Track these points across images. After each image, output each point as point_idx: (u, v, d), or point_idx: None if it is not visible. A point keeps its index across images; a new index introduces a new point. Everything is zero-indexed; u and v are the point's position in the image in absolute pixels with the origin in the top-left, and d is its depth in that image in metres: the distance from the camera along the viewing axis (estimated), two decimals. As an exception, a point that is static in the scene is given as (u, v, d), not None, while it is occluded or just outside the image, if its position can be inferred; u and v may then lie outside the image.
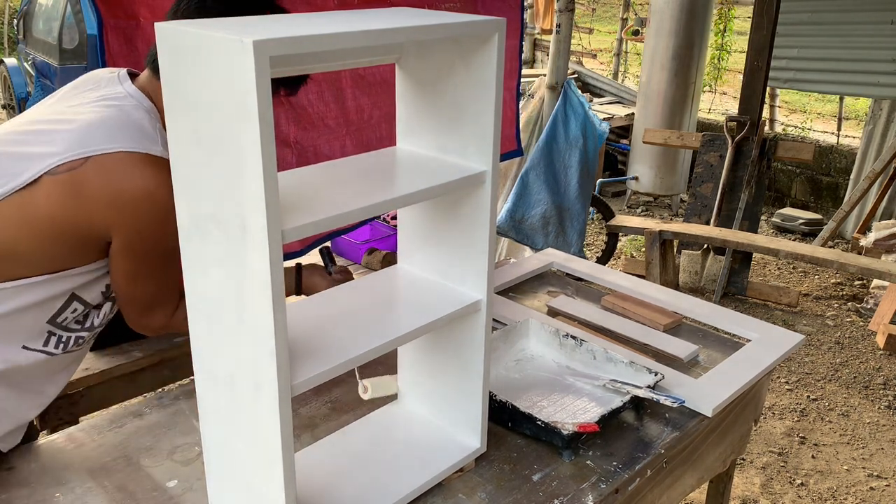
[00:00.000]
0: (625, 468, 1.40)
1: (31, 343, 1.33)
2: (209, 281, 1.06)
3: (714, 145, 4.61)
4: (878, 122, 5.45)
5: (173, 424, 1.50)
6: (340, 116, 2.27)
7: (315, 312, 1.23)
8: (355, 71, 2.26)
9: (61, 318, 1.36)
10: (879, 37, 4.78)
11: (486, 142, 1.20)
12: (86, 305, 1.39)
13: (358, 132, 2.33)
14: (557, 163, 3.78)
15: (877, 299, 4.37)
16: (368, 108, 2.34)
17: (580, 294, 2.17)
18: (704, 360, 1.81)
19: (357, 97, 2.30)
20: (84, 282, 1.35)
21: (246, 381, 1.05)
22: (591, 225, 5.68)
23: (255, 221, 0.94)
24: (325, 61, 1.23)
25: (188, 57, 0.95)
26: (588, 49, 9.97)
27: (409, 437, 1.41)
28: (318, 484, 1.29)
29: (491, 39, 1.14)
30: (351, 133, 2.32)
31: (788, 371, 3.75)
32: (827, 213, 5.85)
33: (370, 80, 2.32)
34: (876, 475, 2.97)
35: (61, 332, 1.37)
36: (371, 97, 2.33)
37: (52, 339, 1.36)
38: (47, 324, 1.34)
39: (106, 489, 1.30)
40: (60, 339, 1.38)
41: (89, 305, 1.40)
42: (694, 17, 5.64)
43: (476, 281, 1.29)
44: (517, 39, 2.84)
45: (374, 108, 2.35)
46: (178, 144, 1.03)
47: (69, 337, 1.39)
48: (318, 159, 2.21)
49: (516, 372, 1.68)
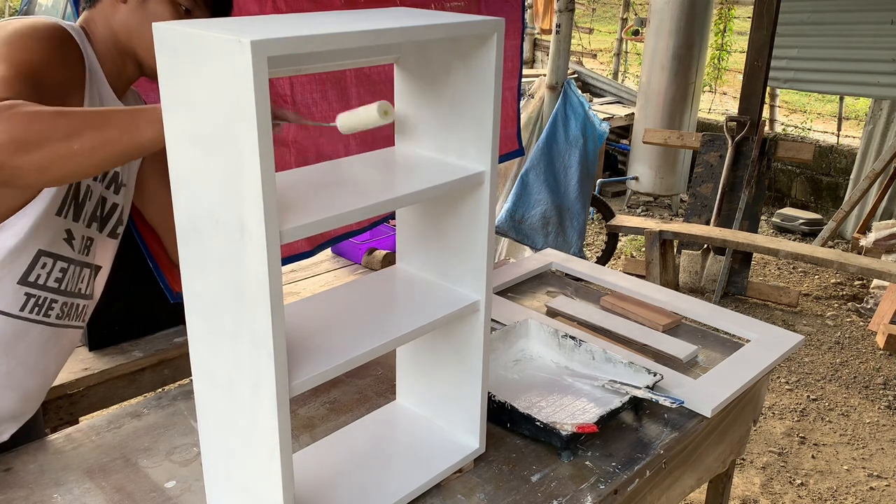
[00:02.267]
0: (624, 469, 1.39)
1: (9, 308, 1.30)
2: (207, 281, 1.05)
3: (714, 145, 4.61)
4: (878, 122, 5.45)
5: (172, 425, 1.49)
6: None
7: (313, 312, 1.23)
8: (360, 69, 2.25)
9: (33, 277, 1.32)
10: (879, 37, 4.78)
11: (485, 142, 1.20)
12: (55, 258, 1.34)
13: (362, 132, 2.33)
14: (557, 163, 3.78)
15: (877, 299, 4.37)
16: None
17: (579, 294, 2.17)
18: (703, 361, 1.81)
19: (361, 96, 2.29)
20: (32, 224, 1.28)
21: (244, 382, 1.05)
22: (591, 225, 5.68)
23: (253, 222, 0.93)
24: (324, 61, 1.23)
25: (186, 57, 0.94)
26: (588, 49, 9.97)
27: (407, 438, 1.41)
28: (316, 485, 1.28)
29: (490, 39, 1.14)
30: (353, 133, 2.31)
31: (788, 371, 3.75)
32: (827, 213, 5.85)
33: (374, 79, 2.30)
34: (876, 475, 2.97)
35: (39, 293, 1.34)
36: (375, 96, 2.32)
37: (31, 301, 1.33)
38: (19, 285, 1.30)
39: (104, 490, 1.30)
40: (39, 303, 1.34)
41: (61, 258, 1.35)
42: (694, 17, 5.64)
43: (475, 281, 1.29)
44: (518, 39, 2.83)
45: (377, 107, 2.35)
46: (176, 144, 1.03)
47: (48, 299, 1.35)
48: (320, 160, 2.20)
49: (515, 372, 1.67)
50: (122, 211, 1.55)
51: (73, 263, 1.40)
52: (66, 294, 1.40)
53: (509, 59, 2.77)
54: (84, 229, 1.41)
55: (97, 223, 1.46)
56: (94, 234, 1.45)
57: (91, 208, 1.43)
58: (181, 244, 1.08)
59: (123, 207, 1.55)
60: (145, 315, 1.96)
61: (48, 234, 1.32)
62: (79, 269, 1.42)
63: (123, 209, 1.55)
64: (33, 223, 1.28)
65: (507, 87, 2.80)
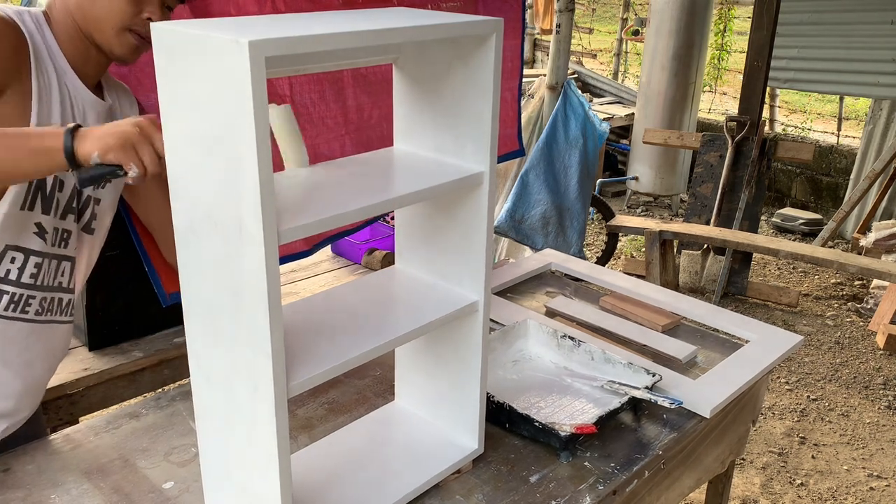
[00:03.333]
0: (622, 469, 1.39)
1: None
2: (206, 282, 1.05)
3: (714, 145, 4.61)
4: (878, 122, 5.45)
5: (170, 426, 1.49)
6: (340, 116, 2.26)
7: (312, 313, 1.23)
8: (357, 69, 2.25)
9: (2, 273, 1.30)
10: (879, 37, 4.78)
11: (484, 142, 1.20)
12: (26, 253, 1.32)
13: (357, 132, 2.32)
14: (557, 163, 3.78)
15: (877, 299, 4.37)
16: (368, 107, 2.33)
17: (578, 295, 2.17)
18: (703, 361, 1.81)
19: (358, 96, 2.29)
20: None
21: (242, 383, 1.05)
22: (591, 225, 5.68)
23: (251, 222, 0.93)
24: (322, 61, 1.23)
25: (184, 57, 0.94)
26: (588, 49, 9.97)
27: (406, 439, 1.41)
28: (314, 486, 1.28)
29: (489, 40, 1.14)
30: (350, 133, 2.31)
31: (788, 371, 3.74)
32: (827, 213, 5.85)
33: (371, 79, 2.30)
34: (876, 475, 2.97)
35: (14, 290, 1.31)
36: (371, 96, 2.32)
37: (5, 298, 1.31)
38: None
39: (102, 490, 1.30)
40: (14, 300, 1.32)
41: (33, 252, 1.33)
42: (694, 17, 5.64)
43: (473, 282, 1.29)
44: (518, 39, 2.83)
45: (374, 107, 2.34)
46: (174, 144, 1.03)
47: (25, 296, 1.33)
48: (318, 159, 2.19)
49: (514, 373, 1.67)
50: (100, 205, 1.48)
51: (48, 257, 1.36)
52: (44, 289, 1.37)
53: (509, 60, 2.76)
54: (58, 221, 1.37)
55: (74, 215, 1.41)
56: (70, 226, 1.41)
57: (65, 200, 1.38)
58: (179, 245, 1.08)
59: (101, 201, 1.48)
60: (145, 315, 1.96)
61: (14, 229, 1.29)
62: (55, 262, 1.38)
63: (102, 203, 1.48)
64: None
65: (507, 88, 2.80)
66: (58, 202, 1.36)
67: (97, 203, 1.47)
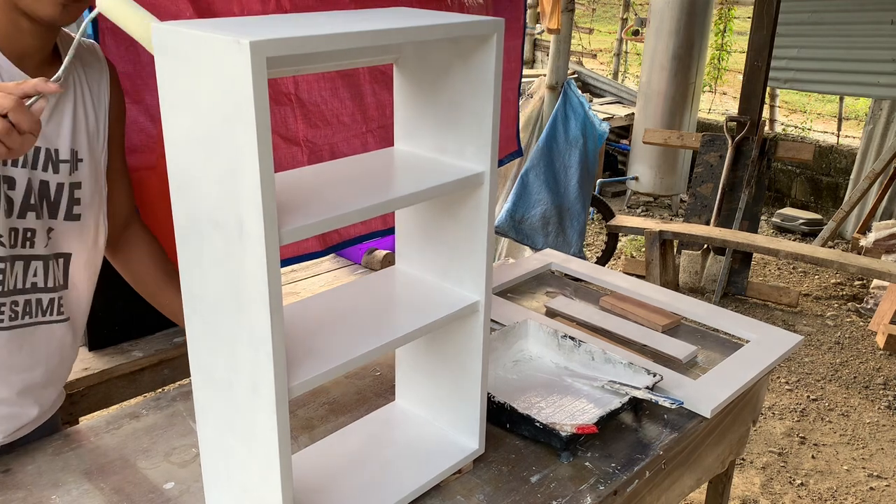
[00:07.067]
0: (623, 469, 1.39)
1: None
2: (206, 282, 1.05)
3: (714, 145, 4.61)
4: (878, 122, 5.45)
5: (170, 426, 1.49)
6: (358, 113, 2.23)
7: (312, 313, 1.23)
8: (374, 66, 2.23)
9: None
10: (879, 37, 4.78)
11: (485, 143, 1.20)
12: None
13: (381, 129, 2.29)
14: (557, 163, 3.78)
15: (877, 299, 4.37)
16: (391, 104, 2.31)
17: (578, 295, 2.17)
18: (703, 361, 1.81)
19: (377, 93, 2.25)
20: None
21: (243, 383, 1.05)
22: (591, 225, 5.68)
23: (252, 223, 0.93)
24: (323, 61, 1.23)
25: (185, 57, 0.94)
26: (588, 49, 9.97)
27: (406, 439, 1.41)
28: (315, 486, 1.28)
29: (490, 40, 1.14)
30: (372, 130, 2.28)
31: (788, 371, 3.74)
32: (827, 213, 5.85)
33: (389, 74, 2.27)
34: (876, 475, 2.97)
35: None
36: (390, 92, 2.29)
37: None
38: None
39: (102, 491, 1.29)
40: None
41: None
42: (694, 17, 5.64)
43: (474, 282, 1.29)
44: (519, 40, 2.83)
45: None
46: (174, 144, 1.03)
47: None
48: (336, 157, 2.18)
49: (514, 373, 1.67)
50: (82, 189, 1.36)
51: (8, 261, 1.26)
52: (13, 293, 1.28)
53: (510, 60, 2.76)
54: (15, 222, 1.26)
55: (36, 212, 1.29)
56: (33, 224, 1.29)
57: (20, 198, 1.26)
58: (180, 245, 1.08)
59: (73, 185, 1.35)
60: (145, 315, 1.95)
61: None
62: (22, 263, 1.28)
63: (83, 187, 1.36)
64: None
65: (507, 88, 2.80)
66: (11, 201, 1.25)
67: (77, 188, 1.36)
